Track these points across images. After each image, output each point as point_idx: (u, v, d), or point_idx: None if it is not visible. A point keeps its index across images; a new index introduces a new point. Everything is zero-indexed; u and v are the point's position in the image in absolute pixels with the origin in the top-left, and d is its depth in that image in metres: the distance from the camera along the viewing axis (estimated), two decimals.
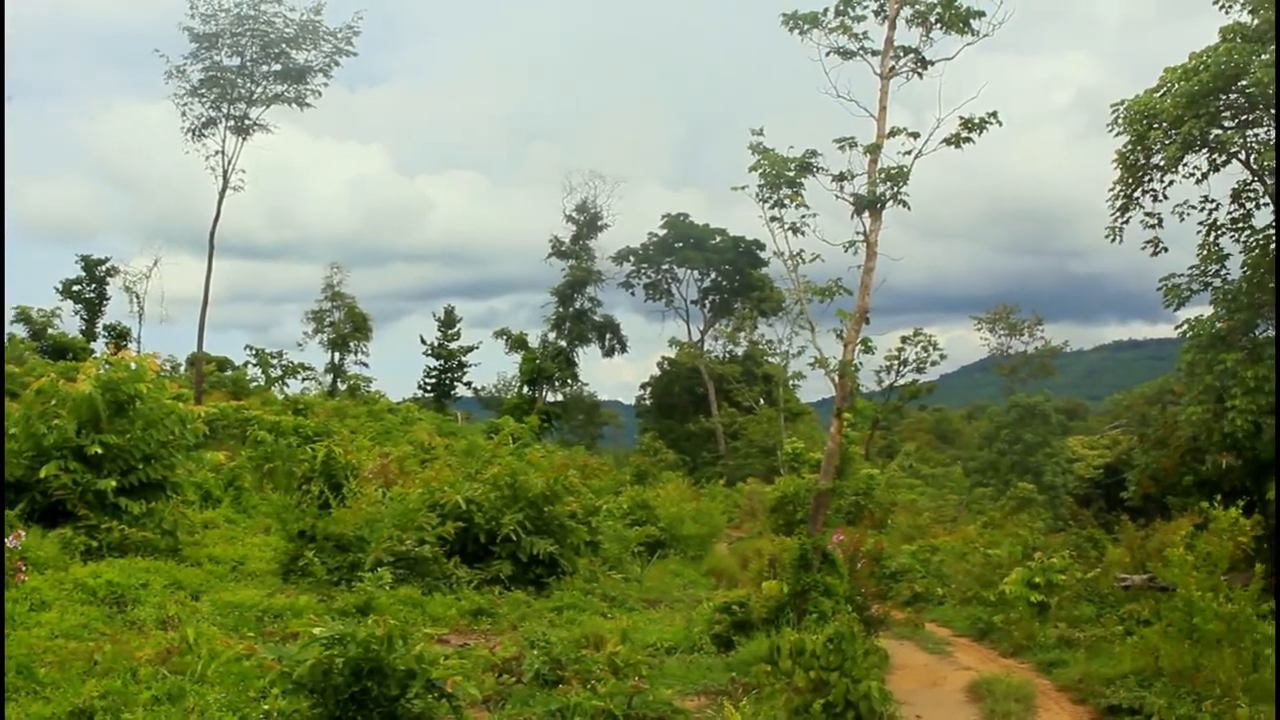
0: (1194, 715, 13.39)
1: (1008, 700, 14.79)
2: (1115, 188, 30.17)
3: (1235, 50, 27.17)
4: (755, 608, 17.31)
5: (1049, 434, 67.56)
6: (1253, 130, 28.64)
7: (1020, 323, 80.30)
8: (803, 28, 18.68)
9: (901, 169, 17.71)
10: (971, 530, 37.10)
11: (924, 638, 21.32)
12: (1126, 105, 29.41)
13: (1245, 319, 28.00)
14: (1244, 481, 28.40)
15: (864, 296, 17.63)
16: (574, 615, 18.92)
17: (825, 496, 17.87)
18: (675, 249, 79.74)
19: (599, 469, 42.53)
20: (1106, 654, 17.61)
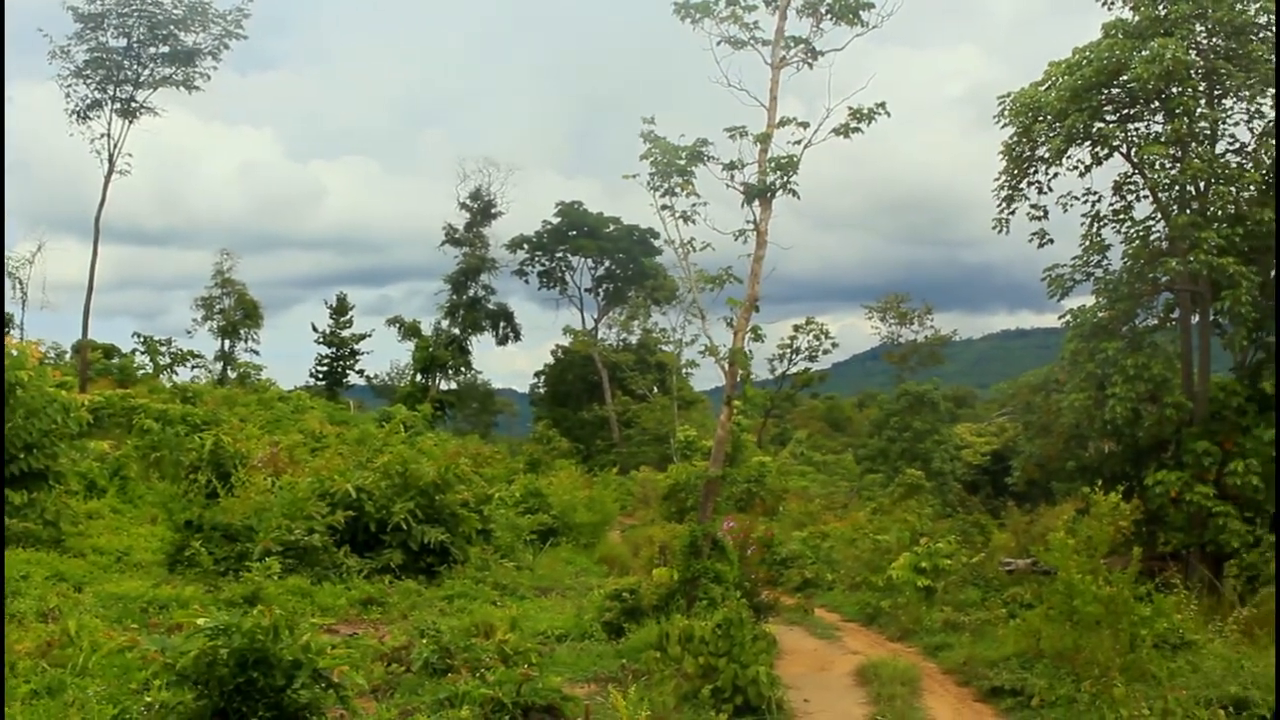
0: (1073, 695, 13.65)
1: (894, 683, 14.99)
2: (1001, 179, 30.65)
3: (1117, 46, 27.75)
4: (646, 595, 17.37)
5: (938, 421, 68.42)
6: (1134, 124, 29.31)
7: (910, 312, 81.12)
8: (694, 16, 18.70)
9: (791, 158, 17.83)
10: (861, 517, 37.55)
11: (813, 623, 21.55)
12: (1012, 98, 29.90)
13: (1125, 308, 28.63)
14: (1124, 467, 29.07)
15: (754, 285, 17.73)
16: (465, 604, 18.88)
17: (715, 484, 17.95)
18: (569, 237, 79.50)
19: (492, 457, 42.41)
20: (990, 637, 17.92)
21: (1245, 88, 27.51)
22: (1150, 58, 26.71)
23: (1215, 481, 26.25)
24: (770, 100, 18.40)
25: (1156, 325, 30.43)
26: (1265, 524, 26.48)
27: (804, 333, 72.45)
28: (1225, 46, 28.10)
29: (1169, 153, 27.71)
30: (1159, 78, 26.77)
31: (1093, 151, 29.64)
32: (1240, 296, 25.67)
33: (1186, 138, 27.34)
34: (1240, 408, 27.19)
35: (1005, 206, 30.72)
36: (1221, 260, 25.65)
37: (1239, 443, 26.56)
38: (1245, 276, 25.77)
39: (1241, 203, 27.49)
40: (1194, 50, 27.94)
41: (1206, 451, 26.35)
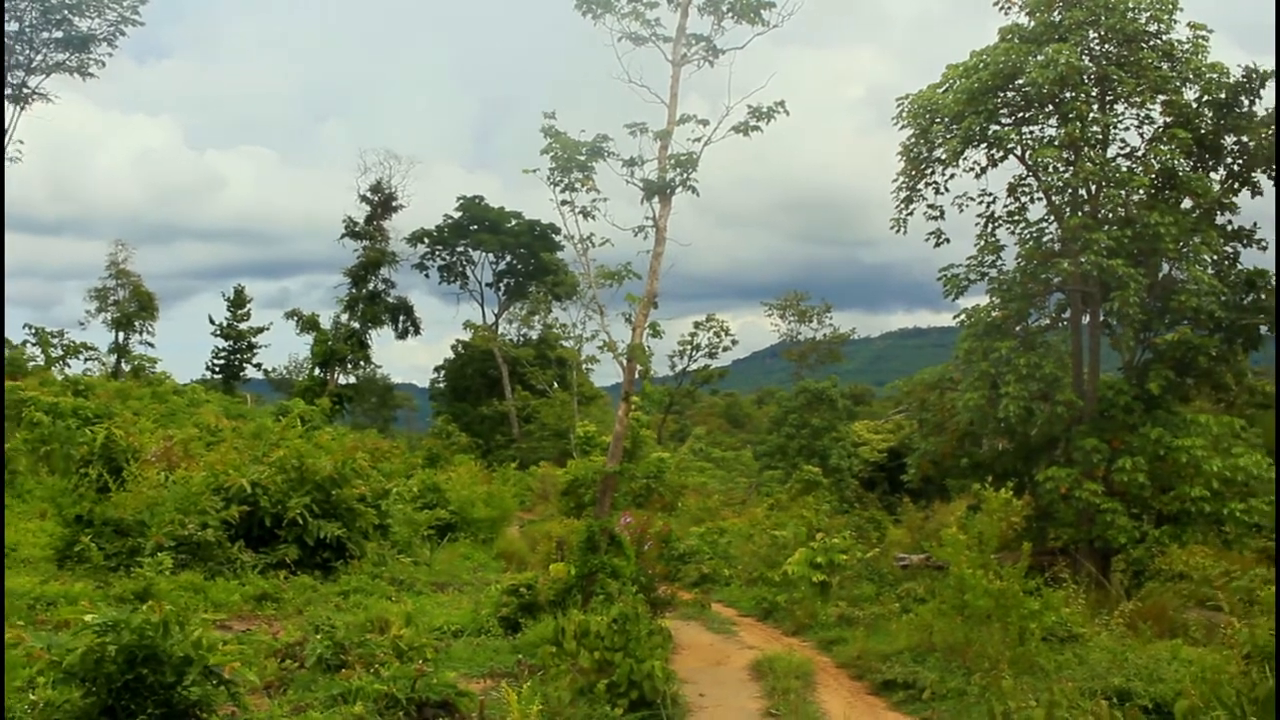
0: (963, 688, 13.90)
1: (788, 677, 15.15)
2: (899, 180, 31.03)
3: (1013, 50, 28.24)
4: (542, 590, 17.40)
5: (836, 419, 69.10)
6: (1028, 127, 29.82)
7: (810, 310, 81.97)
8: (596, 12, 18.75)
9: (691, 155, 17.95)
10: (759, 512, 37.86)
11: (710, 618, 21.69)
12: (911, 100, 30.30)
13: (1019, 308, 29.13)
14: (1016, 464, 29.60)
15: (653, 281, 17.82)
16: (361, 599, 18.76)
17: (613, 479, 18.03)
18: (470, 231, 79.20)
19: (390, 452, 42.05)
20: (884, 631, 18.17)
21: (1136, 94, 28.11)
22: (1045, 63, 27.22)
23: (1103, 479, 26.78)
24: (671, 97, 18.51)
25: (1048, 325, 31.00)
26: (1151, 520, 27.11)
27: (704, 329, 72.91)
28: (1117, 53, 28.70)
29: (1062, 156, 28.21)
30: (1053, 82, 27.27)
31: (988, 153, 30.12)
32: (1129, 297, 26.19)
33: (1079, 141, 27.85)
34: (1128, 406, 27.77)
35: (903, 207, 31.12)
36: (1111, 262, 26.16)
37: (1126, 441, 27.13)
38: (1134, 278, 26.31)
39: (1131, 206, 28.09)
40: (1087, 56, 28.48)
41: (1095, 449, 26.87)
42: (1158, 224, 26.76)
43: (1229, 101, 28.76)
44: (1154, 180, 28.44)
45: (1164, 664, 14.26)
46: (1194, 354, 28.11)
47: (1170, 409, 28.25)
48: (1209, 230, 28.56)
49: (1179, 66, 28.53)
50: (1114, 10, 27.97)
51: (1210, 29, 28.77)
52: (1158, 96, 28.54)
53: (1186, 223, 27.98)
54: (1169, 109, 28.81)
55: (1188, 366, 28.76)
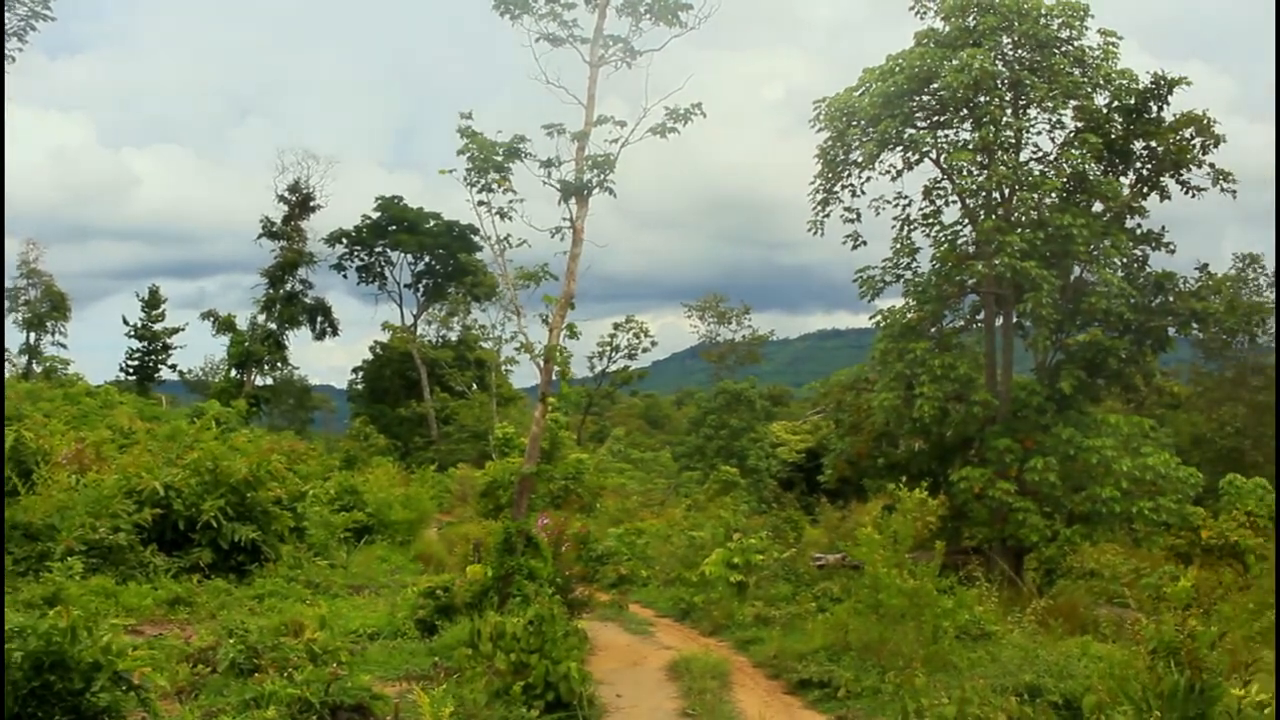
0: (878, 686, 14.00)
1: (705, 677, 15.15)
2: (816, 182, 31.20)
3: (928, 55, 28.53)
4: (459, 592, 17.31)
5: (754, 419, 69.39)
6: (943, 131, 30.15)
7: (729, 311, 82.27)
8: (514, 12, 18.67)
9: (608, 157, 17.93)
10: (677, 513, 37.92)
11: (627, 619, 21.66)
12: (828, 103, 30.50)
13: (933, 310, 29.44)
14: (931, 464, 29.93)
15: (570, 282, 17.79)
16: (275, 603, 18.54)
17: (530, 480, 18.00)
18: (389, 232, 78.51)
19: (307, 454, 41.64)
20: (800, 630, 18.22)
21: (1048, 99, 28.52)
22: (959, 67, 27.54)
23: (1016, 478, 27.12)
24: (588, 98, 18.47)
25: (963, 326, 31.36)
26: (1062, 519, 27.50)
27: (624, 331, 72.88)
28: (1030, 59, 29.11)
29: (976, 159, 28.58)
30: (968, 87, 27.62)
31: (904, 157, 30.45)
32: (1041, 299, 26.58)
33: (993, 145, 28.22)
34: (1040, 407, 28.17)
35: (820, 209, 31.30)
36: (1024, 264, 26.53)
37: (1039, 441, 27.52)
38: (1046, 280, 26.70)
39: (1043, 209, 28.46)
40: (1001, 61, 28.85)
41: (1008, 449, 27.22)
42: (1069, 227, 27.17)
43: (1138, 107, 29.32)
44: (1066, 184, 28.89)
45: (1074, 660, 14.43)
46: (1104, 355, 28.59)
47: (1081, 409, 28.73)
48: (1119, 233, 29.08)
49: (1090, 72, 29.04)
50: (1027, 16, 28.38)
51: (1120, 36, 29.34)
52: (1069, 102, 29.01)
53: (1097, 226, 28.47)
54: (1080, 114, 29.31)
55: (1098, 367, 29.24)
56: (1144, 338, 29.96)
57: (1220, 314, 31.15)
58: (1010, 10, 28.40)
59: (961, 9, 29.07)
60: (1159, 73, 29.45)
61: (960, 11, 29.12)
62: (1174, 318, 30.13)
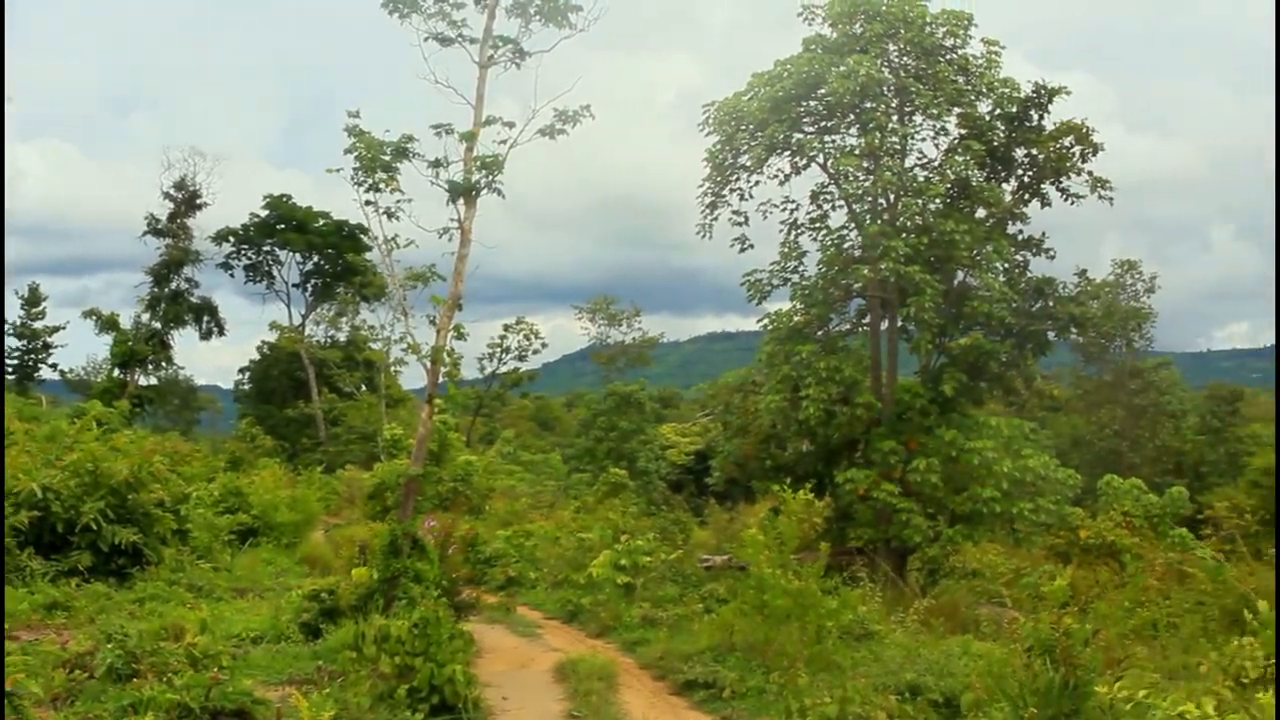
0: (763, 686, 14.09)
1: (591, 679, 15.14)
2: (705, 185, 31.32)
3: (816, 60, 28.82)
4: (344, 595, 17.12)
5: (644, 421, 69.53)
6: (830, 136, 30.45)
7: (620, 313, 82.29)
8: (402, 11, 18.52)
9: (496, 158, 17.85)
10: (566, 515, 37.88)
11: (515, 621, 21.58)
12: (717, 107, 30.66)
13: (820, 313, 29.75)
14: (817, 466, 30.20)
15: (457, 283, 17.68)
16: (157, 606, 18.20)
17: (416, 483, 17.84)
18: (277, 230, 77.32)
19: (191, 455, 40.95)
20: (687, 631, 18.28)
21: (933, 106, 28.93)
22: (846, 73, 27.84)
23: (900, 480, 27.48)
24: (477, 99, 18.36)
25: (849, 329, 31.70)
26: (945, 520, 27.91)
27: (514, 332, 72.53)
28: (915, 66, 29.54)
29: (862, 165, 28.94)
30: (854, 93, 27.93)
31: (792, 161, 30.70)
32: (925, 303, 26.98)
33: (879, 151, 28.60)
34: (924, 409, 28.59)
35: (709, 212, 31.44)
36: (909, 268, 26.91)
37: (922, 443, 27.93)
38: (930, 284, 27.10)
39: (928, 214, 28.92)
40: (887, 68, 29.25)
41: (893, 451, 27.59)
42: (953, 232, 27.63)
43: (1020, 115, 29.90)
44: (949, 190, 29.38)
45: (955, 659, 14.65)
46: (986, 358, 29.11)
47: (964, 412, 29.24)
48: (1001, 239, 29.63)
49: (973, 80, 29.57)
50: (912, 24, 28.79)
51: (1003, 45, 29.94)
52: (953, 109, 29.51)
53: (980, 231, 28.98)
54: (964, 121, 29.81)
55: (980, 370, 29.77)
56: (1025, 341, 30.57)
57: (1098, 319, 31.92)
58: (896, 18, 28.80)
59: (848, 16, 29.41)
60: (1040, 82, 30.11)
61: (847, 18, 29.46)
62: (1054, 322, 30.75)
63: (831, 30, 29.94)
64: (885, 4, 28.95)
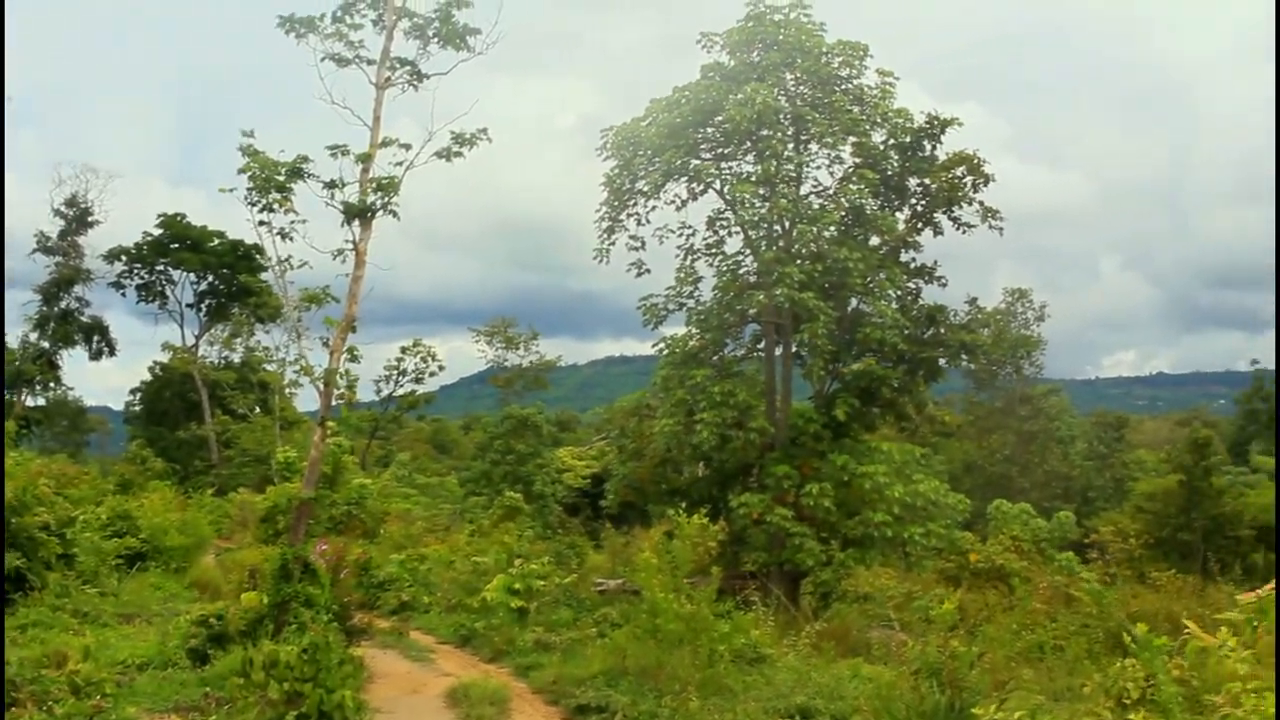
0: (655, 710, 14.10)
1: (483, 704, 15.10)
2: (602, 210, 31.35)
3: (713, 88, 29.01)
4: (233, 620, 16.87)
5: (541, 445, 69.39)
6: (727, 163, 30.65)
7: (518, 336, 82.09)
8: (299, 31, 18.38)
9: (392, 180, 17.76)
10: (461, 539, 37.69)
11: (408, 646, 21.42)
12: (615, 132, 30.73)
13: (715, 338, 29.90)
14: (711, 490, 30.31)
15: (352, 305, 17.54)
16: (39, 633, 17.78)
17: (308, 506, 17.63)
18: (171, 250, 76.12)
19: (79, 478, 40.17)
20: (580, 656, 18.27)
21: (828, 134, 29.22)
22: (743, 101, 28.03)
23: (793, 504, 27.66)
24: (374, 120, 18.27)
25: (744, 355, 31.89)
26: (837, 544, 28.14)
27: (411, 354, 72.11)
28: (812, 95, 29.85)
29: (758, 192, 29.16)
30: (751, 120, 28.12)
31: (689, 187, 30.81)
32: (818, 329, 27.23)
33: (775, 178, 28.84)
34: (817, 434, 28.82)
35: (606, 236, 31.45)
36: (803, 295, 27.13)
37: (816, 467, 28.15)
38: (823, 310, 27.37)
39: (822, 241, 29.19)
40: (784, 97, 29.52)
41: (786, 475, 27.77)
42: (847, 259, 27.93)
43: (913, 145, 30.35)
44: (844, 218, 29.75)
45: (845, 682, 14.82)
46: (878, 384, 29.48)
47: (856, 437, 29.54)
48: (893, 267, 30.04)
49: (868, 110, 29.97)
50: (809, 54, 29.11)
51: (897, 76, 30.37)
52: (848, 138, 29.85)
53: (873, 259, 29.34)
54: (858, 150, 30.17)
55: (872, 396, 30.11)
56: (916, 368, 30.96)
57: (989, 346, 32.42)
58: (793, 47, 29.11)
59: (746, 44, 29.67)
60: (933, 113, 30.58)
61: (745, 47, 29.71)
62: (945, 349, 31.20)
63: (729, 58, 30.15)
64: (782, 33, 29.24)
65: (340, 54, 18.46)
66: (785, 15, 29.41)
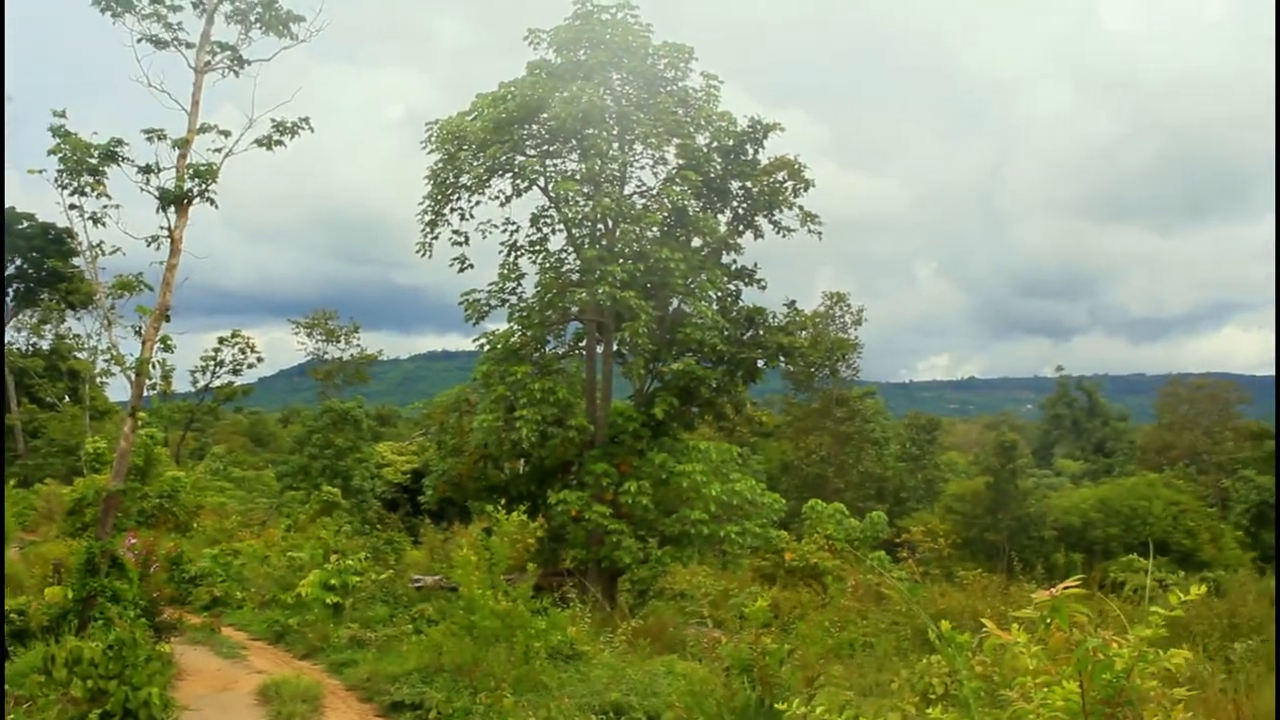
0: (469, 707, 14.10)
1: (295, 702, 14.92)
2: (426, 204, 31.09)
3: (540, 85, 28.99)
4: (35, 615, 16.42)
5: (360, 439, 68.68)
6: (552, 160, 30.68)
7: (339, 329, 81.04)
8: (115, 10, 17.90)
9: (211, 166, 17.43)
10: (277, 534, 37.11)
11: (219, 642, 21.01)
12: (440, 125, 30.51)
13: (536, 335, 29.93)
14: (530, 487, 30.32)
15: (165, 293, 17.17)
16: None
17: (116, 498, 17.20)
18: None
19: None
20: (395, 652, 18.16)
21: (653, 135, 29.40)
22: (569, 99, 28.09)
23: (612, 502, 27.82)
24: (192, 105, 17.91)
25: (565, 352, 31.98)
26: (655, 542, 28.40)
27: (229, 345, 70.79)
28: (637, 96, 30.01)
29: (582, 190, 29.27)
30: (576, 118, 28.19)
31: (513, 183, 30.72)
32: (639, 328, 27.41)
33: (599, 177, 28.97)
34: (636, 433, 29.04)
35: (429, 230, 31.20)
36: (624, 294, 27.29)
37: (634, 465, 28.37)
38: (645, 310, 27.56)
39: (645, 241, 29.38)
40: (609, 96, 29.63)
41: (605, 473, 27.93)
42: (668, 260, 28.17)
43: (736, 149, 30.75)
44: (667, 218, 30.01)
45: (660, 678, 14.98)
46: (697, 384, 29.81)
47: (675, 436, 29.86)
48: (714, 268, 30.42)
49: (692, 113, 30.27)
50: (635, 54, 29.29)
51: (722, 80, 30.73)
52: (672, 139, 30.12)
53: (695, 260, 29.65)
54: (682, 152, 30.47)
55: (691, 395, 30.44)
56: (735, 368, 31.39)
57: (806, 348, 33.03)
58: (619, 47, 29.24)
59: (573, 42, 29.70)
60: (756, 117, 31.01)
61: (572, 45, 29.75)
62: (763, 350, 31.68)
63: (556, 56, 30.14)
64: (609, 33, 29.34)
65: (158, 35, 18.06)
66: (612, 15, 29.53)
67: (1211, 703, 11.59)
